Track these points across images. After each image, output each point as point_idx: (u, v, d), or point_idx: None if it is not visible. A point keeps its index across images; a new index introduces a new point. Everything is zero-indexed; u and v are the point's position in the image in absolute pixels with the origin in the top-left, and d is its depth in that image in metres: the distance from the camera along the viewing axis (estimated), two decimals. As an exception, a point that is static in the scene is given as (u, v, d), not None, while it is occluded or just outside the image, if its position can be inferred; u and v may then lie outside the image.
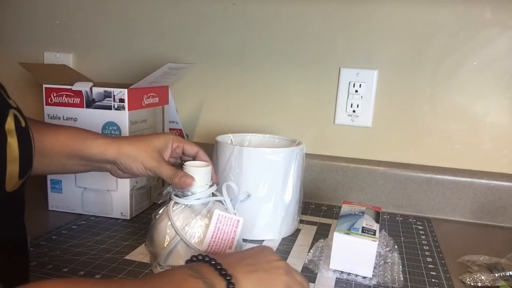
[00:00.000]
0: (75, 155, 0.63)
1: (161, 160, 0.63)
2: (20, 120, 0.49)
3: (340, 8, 0.95)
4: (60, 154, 0.63)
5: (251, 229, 0.77)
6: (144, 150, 0.63)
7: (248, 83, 1.03)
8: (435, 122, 0.95)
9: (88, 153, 0.63)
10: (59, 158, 0.63)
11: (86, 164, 0.65)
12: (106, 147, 0.63)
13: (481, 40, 0.90)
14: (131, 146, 0.63)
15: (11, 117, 0.47)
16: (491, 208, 0.92)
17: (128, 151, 0.63)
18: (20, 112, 0.50)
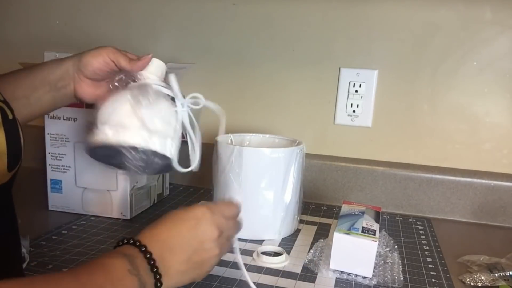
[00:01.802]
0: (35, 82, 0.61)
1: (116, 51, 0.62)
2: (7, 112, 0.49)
3: (340, 8, 0.95)
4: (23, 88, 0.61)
5: (251, 229, 0.77)
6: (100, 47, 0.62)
7: (248, 83, 1.03)
8: (435, 122, 0.95)
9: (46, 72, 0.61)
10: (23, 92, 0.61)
11: (49, 89, 0.61)
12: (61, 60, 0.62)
13: (481, 40, 0.90)
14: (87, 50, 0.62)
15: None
16: (491, 208, 0.92)
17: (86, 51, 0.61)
18: (7, 105, 0.50)
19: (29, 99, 0.61)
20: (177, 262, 0.47)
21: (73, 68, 0.61)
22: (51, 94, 0.62)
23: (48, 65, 0.62)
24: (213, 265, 0.52)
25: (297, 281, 0.63)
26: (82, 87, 0.62)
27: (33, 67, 0.63)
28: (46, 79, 0.61)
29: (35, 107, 0.63)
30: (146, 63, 0.60)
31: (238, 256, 0.57)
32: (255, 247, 0.73)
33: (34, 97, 0.61)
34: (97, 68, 0.60)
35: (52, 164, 0.84)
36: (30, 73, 0.62)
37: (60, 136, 0.83)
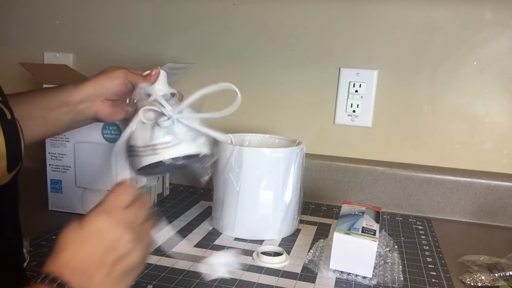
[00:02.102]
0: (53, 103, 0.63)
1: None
2: (5, 112, 0.49)
3: (340, 8, 0.95)
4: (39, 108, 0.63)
5: (251, 229, 0.77)
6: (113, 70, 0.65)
7: (248, 83, 1.03)
8: (435, 122, 0.95)
9: (65, 94, 0.63)
10: (39, 113, 0.62)
11: (68, 110, 0.63)
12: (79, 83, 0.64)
13: (481, 40, 0.90)
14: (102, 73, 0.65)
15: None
16: (491, 208, 0.92)
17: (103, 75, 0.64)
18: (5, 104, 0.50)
19: (46, 119, 0.63)
20: (99, 283, 0.43)
21: (94, 92, 0.63)
22: (69, 116, 0.64)
23: (66, 88, 0.64)
24: (142, 261, 0.47)
25: (297, 281, 0.63)
26: (103, 109, 0.65)
27: (50, 89, 0.65)
28: (65, 101, 0.63)
29: (51, 127, 0.65)
30: (157, 75, 0.64)
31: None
32: (255, 247, 0.73)
33: (51, 118, 0.63)
34: (119, 90, 0.64)
35: (52, 164, 0.84)
36: (47, 94, 0.64)
37: (60, 136, 0.83)
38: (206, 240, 0.75)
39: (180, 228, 0.80)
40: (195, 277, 0.62)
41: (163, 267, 0.64)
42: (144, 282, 0.60)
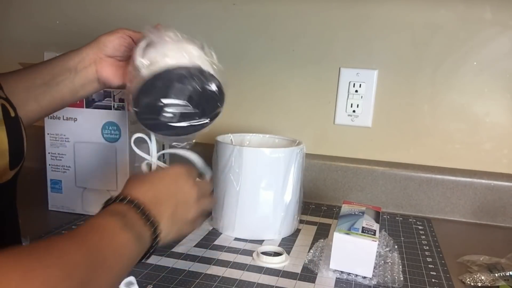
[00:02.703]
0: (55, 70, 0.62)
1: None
2: (9, 110, 0.49)
3: (340, 8, 0.95)
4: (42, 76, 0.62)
5: (251, 229, 0.77)
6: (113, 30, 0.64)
7: (248, 83, 1.03)
8: (435, 122, 0.95)
9: (66, 59, 0.63)
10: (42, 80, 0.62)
11: (69, 74, 0.62)
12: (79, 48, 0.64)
13: (481, 40, 0.90)
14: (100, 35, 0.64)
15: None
16: (491, 208, 0.92)
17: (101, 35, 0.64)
18: (9, 102, 0.50)
19: (48, 85, 0.62)
20: (166, 213, 0.49)
21: (92, 50, 0.62)
22: (71, 79, 0.63)
23: (66, 54, 0.63)
24: (192, 223, 0.55)
25: (297, 281, 0.63)
26: (104, 67, 0.63)
27: (53, 58, 0.64)
28: (65, 66, 0.62)
29: (55, 95, 0.63)
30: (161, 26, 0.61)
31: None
32: (255, 247, 0.73)
33: (54, 84, 0.62)
34: (117, 43, 0.62)
35: (52, 164, 0.84)
36: (49, 62, 0.63)
37: (60, 136, 0.83)
38: (206, 240, 0.75)
39: (180, 228, 0.80)
40: (195, 277, 0.62)
41: (163, 267, 0.64)
42: (144, 282, 0.60)
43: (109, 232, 0.42)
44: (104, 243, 0.41)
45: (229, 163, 0.75)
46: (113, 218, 0.43)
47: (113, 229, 0.43)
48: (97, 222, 0.43)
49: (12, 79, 0.60)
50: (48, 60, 0.64)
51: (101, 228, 0.42)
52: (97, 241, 0.41)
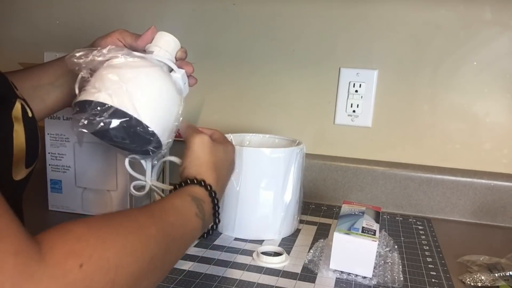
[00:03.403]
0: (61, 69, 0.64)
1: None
2: (27, 110, 0.50)
3: (340, 8, 0.95)
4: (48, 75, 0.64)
5: (251, 229, 0.77)
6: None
7: (248, 83, 1.03)
8: (435, 122, 0.95)
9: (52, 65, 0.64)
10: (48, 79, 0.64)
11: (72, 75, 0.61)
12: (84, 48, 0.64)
13: (481, 40, 0.90)
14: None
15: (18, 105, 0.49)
16: (491, 208, 0.92)
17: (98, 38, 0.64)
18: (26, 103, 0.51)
19: (54, 85, 0.64)
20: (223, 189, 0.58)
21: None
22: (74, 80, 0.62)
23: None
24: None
25: (297, 281, 0.63)
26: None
27: (56, 59, 0.66)
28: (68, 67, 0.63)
29: (59, 94, 0.65)
30: (149, 35, 0.62)
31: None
32: (255, 247, 0.73)
33: (58, 84, 0.64)
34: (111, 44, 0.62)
35: (52, 164, 0.84)
36: (53, 63, 0.65)
37: (60, 136, 0.83)
38: (206, 240, 0.75)
39: (180, 228, 0.80)
40: (195, 277, 0.62)
41: (163, 267, 0.64)
42: (144, 282, 0.60)
43: (185, 216, 0.47)
44: (180, 225, 0.45)
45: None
46: (192, 204, 0.48)
47: (189, 214, 0.47)
48: (176, 202, 0.47)
49: (19, 78, 0.61)
50: (52, 61, 0.66)
51: (178, 210, 0.46)
52: (172, 221, 0.44)
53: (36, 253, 0.28)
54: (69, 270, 0.29)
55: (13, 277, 0.26)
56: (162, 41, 0.63)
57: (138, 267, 0.36)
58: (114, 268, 0.33)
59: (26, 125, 0.49)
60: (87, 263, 0.31)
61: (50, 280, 0.28)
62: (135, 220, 0.39)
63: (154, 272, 0.39)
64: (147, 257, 0.37)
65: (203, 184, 0.52)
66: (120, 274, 0.33)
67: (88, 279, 0.30)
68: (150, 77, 0.55)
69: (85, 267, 0.30)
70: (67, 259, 0.30)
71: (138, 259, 0.36)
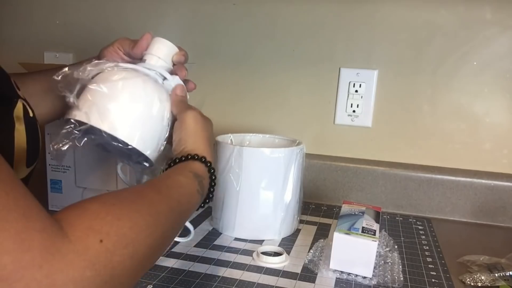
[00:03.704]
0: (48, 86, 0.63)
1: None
2: (28, 110, 0.51)
3: (340, 8, 0.95)
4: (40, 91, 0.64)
5: (251, 229, 0.77)
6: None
7: (248, 83, 1.03)
8: (435, 122, 0.95)
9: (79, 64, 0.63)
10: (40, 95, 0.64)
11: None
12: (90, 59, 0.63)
13: (481, 40, 0.90)
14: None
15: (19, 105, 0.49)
16: (491, 208, 0.92)
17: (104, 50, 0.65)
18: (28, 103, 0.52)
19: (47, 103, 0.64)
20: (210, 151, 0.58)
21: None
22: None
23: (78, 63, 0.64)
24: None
25: (297, 281, 0.63)
26: None
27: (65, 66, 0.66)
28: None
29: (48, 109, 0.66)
30: (145, 43, 0.62)
31: None
32: (255, 247, 0.73)
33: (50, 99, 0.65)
34: (109, 57, 0.63)
35: (52, 164, 0.84)
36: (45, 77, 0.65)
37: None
38: (206, 240, 0.75)
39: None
40: (195, 277, 0.62)
41: (163, 267, 0.64)
42: (144, 282, 0.60)
43: (189, 193, 0.49)
44: (185, 201, 0.48)
45: (229, 163, 0.75)
46: (195, 181, 0.51)
47: (192, 191, 0.50)
48: (180, 179, 0.49)
49: (30, 82, 0.62)
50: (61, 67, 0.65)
51: (183, 187, 0.49)
52: (179, 197, 0.47)
53: (59, 230, 0.30)
54: (91, 245, 0.31)
55: (41, 253, 0.28)
56: (155, 47, 0.63)
57: (152, 240, 0.38)
58: (131, 242, 0.35)
59: (27, 124, 0.50)
60: (106, 238, 0.33)
61: (75, 254, 0.30)
62: (145, 197, 0.42)
63: (165, 244, 0.43)
64: (160, 231, 0.40)
65: (203, 160, 0.54)
66: (138, 247, 0.36)
67: (109, 253, 0.33)
68: (130, 91, 0.55)
69: (105, 242, 0.32)
70: (88, 235, 0.32)
71: (152, 233, 0.38)
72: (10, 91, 0.50)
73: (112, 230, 0.34)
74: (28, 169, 0.51)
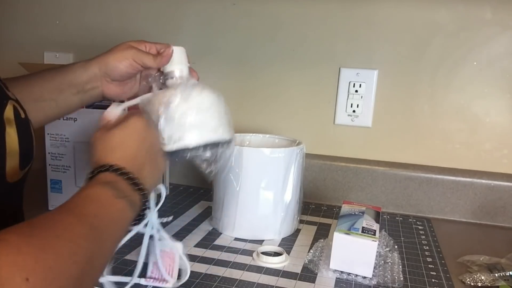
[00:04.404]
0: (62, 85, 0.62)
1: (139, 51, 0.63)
2: (20, 112, 0.50)
3: (340, 8, 0.95)
4: (49, 90, 0.63)
5: (251, 229, 0.77)
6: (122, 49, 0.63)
7: (248, 83, 1.03)
8: (435, 122, 0.95)
9: (73, 75, 0.62)
10: (50, 95, 0.63)
11: (76, 92, 0.63)
12: (86, 63, 0.63)
13: (481, 40, 0.90)
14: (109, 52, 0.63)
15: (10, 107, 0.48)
16: (491, 208, 0.92)
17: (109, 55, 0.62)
18: (19, 104, 0.51)
19: (57, 101, 0.63)
20: (146, 171, 0.50)
21: (100, 72, 0.62)
22: (79, 96, 0.64)
23: (73, 68, 0.63)
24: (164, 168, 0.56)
25: (297, 281, 0.63)
26: (110, 88, 0.64)
27: (58, 69, 0.64)
28: (73, 82, 0.63)
29: (62, 109, 0.65)
30: (169, 56, 0.61)
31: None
32: (255, 247, 0.73)
33: (61, 99, 0.63)
34: (125, 72, 0.62)
35: (52, 164, 0.84)
36: (56, 75, 0.63)
37: (60, 136, 0.83)
38: (206, 240, 0.75)
39: (180, 228, 0.80)
40: (195, 277, 0.62)
41: (163, 267, 0.64)
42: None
43: (105, 201, 0.43)
44: (103, 213, 0.42)
45: (229, 163, 0.75)
46: (105, 188, 0.44)
47: (107, 198, 0.43)
48: (90, 192, 0.43)
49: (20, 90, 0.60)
50: (55, 71, 0.64)
51: (95, 198, 0.43)
52: (95, 211, 0.41)
53: None
54: (17, 285, 0.29)
55: None
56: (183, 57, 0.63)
57: (78, 269, 0.35)
58: (58, 275, 0.32)
59: (18, 126, 0.48)
60: (32, 275, 0.30)
61: None
62: (61, 223, 0.38)
63: (94, 268, 0.38)
64: (84, 256, 0.36)
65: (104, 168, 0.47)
66: (65, 280, 0.33)
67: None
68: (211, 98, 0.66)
69: (31, 280, 0.30)
70: (14, 274, 0.29)
71: (76, 261, 0.35)
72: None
73: (37, 265, 0.31)
74: (22, 171, 0.50)
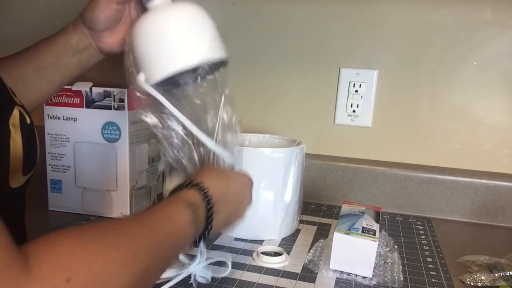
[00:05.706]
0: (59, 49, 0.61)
1: None
2: (25, 117, 0.50)
3: (340, 8, 0.95)
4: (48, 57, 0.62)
5: (251, 229, 0.77)
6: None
7: (248, 83, 1.03)
8: (435, 122, 0.95)
9: (65, 37, 0.61)
10: (49, 61, 0.62)
11: (73, 53, 0.61)
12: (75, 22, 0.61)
13: (481, 40, 0.90)
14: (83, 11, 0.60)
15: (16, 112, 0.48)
16: (491, 208, 0.92)
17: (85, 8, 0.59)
18: (25, 110, 0.51)
19: (56, 66, 0.62)
20: (223, 214, 0.52)
21: (86, 29, 0.60)
22: (76, 57, 0.62)
23: (66, 30, 0.62)
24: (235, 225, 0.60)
25: (297, 281, 0.63)
26: (103, 41, 0.61)
27: (54, 35, 0.63)
28: (67, 44, 0.61)
29: (64, 73, 0.63)
30: None
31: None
32: (255, 247, 0.73)
33: (61, 64, 0.62)
34: (104, 17, 0.58)
35: (52, 164, 0.84)
36: (51, 42, 0.62)
37: (60, 136, 0.83)
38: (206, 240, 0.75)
39: (180, 228, 0.80)
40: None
41: (163, 267, 0.64)
42: (144, 282, 0.59)
43: (180, 225, 0.44)
44: (172, 235, 0.43)
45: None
46: (187, 211, 0.46)
47: (184, 223, 0.45)
48: (171, 211, 0.45)
49: (19, 63, 0.60)
50: (50, 38, 0.63)
51: (173, 218, 0.44)
52: (166, 232, 0.42)
53: (23, 266, 0.29)
54: (56, 285, 0.29)
55: None
56: None
57: (127, 280, 0.35)
58: (102, 282, 0.32)
59: (24, 132, 0.48)
60: (74, 277, 0.30)
61: None
62: (127, 232, 0.38)
63: (144, 283, 0.38)
64: (138, 269, 0.36)
65: (198, 187, 0.49)
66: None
67: None
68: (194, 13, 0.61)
69: (72, 282, 0.30)
70: (54, 274, 0.30)
71: (128, 272, 0.35)
72: (5, 98, 0.49)
73: (82, 268, 0.31)
74: (25, 177, 0.50)
